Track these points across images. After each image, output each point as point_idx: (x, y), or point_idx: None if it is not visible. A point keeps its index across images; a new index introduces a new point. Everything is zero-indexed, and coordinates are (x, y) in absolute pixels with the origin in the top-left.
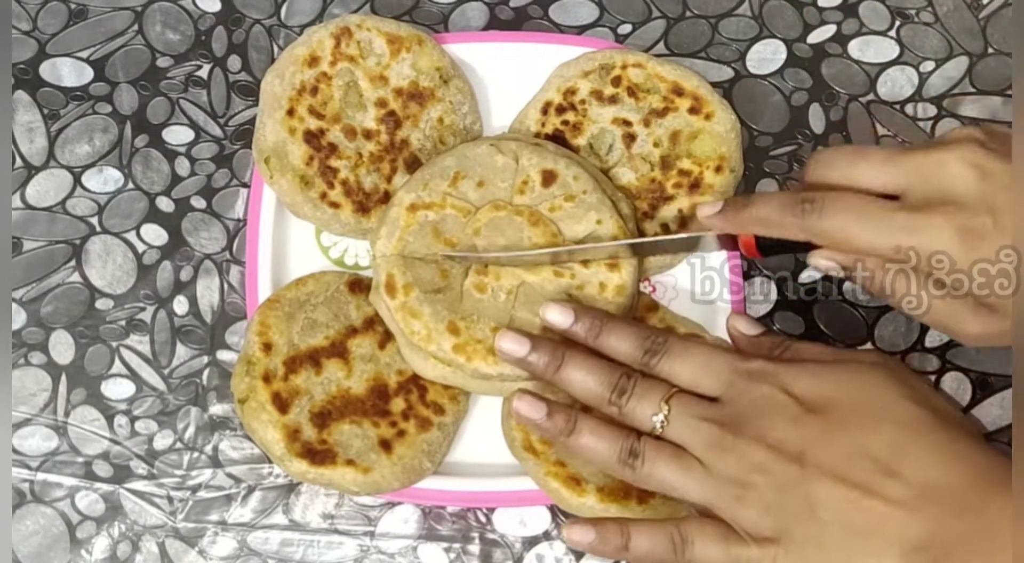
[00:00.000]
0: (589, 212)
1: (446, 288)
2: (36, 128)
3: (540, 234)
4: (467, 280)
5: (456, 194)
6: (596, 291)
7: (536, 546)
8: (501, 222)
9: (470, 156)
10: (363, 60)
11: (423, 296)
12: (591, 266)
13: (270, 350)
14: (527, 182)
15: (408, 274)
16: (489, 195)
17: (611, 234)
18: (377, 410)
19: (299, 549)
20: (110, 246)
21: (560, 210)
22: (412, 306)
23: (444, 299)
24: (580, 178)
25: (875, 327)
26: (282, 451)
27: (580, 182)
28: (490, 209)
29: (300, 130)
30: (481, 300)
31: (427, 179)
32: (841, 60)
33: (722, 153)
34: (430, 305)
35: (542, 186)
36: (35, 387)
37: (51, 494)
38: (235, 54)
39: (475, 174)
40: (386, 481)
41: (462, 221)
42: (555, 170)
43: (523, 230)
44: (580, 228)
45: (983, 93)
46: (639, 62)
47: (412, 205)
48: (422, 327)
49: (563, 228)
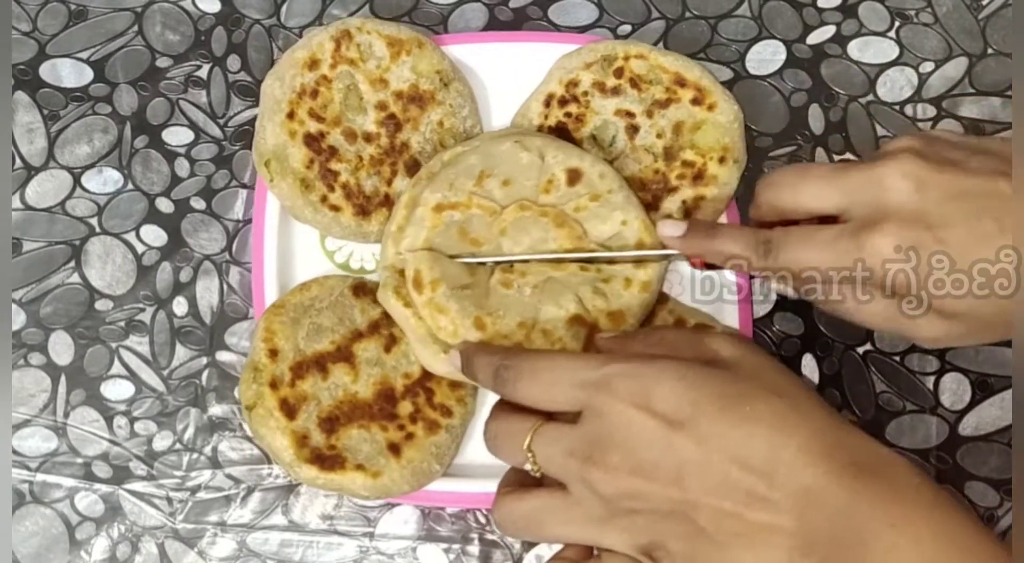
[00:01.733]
0: (614, 212)
1: (473, 284)
2: (36, 129)
3: (565, 235)
4: (493, 277)
5: (482, 193)
6: (622, 286)
7: (536, 547)
8: (527, 222)
9: (494, 154)
10: (363, 63)
11: (450, 292)
12: (618, 263)
13: (276, 356)
14: (552, 181)
15: (436, 270)
16: (515, 194)
17: (636, 234)
18: (385, 414)
19: (298, 550)
20: (110, 247)
21: (585, 210)
22: (439, 302)
23: (471, 295)
24: (606, 176)
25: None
26: (291, 457)
27: (606, 180)
28: (516, 209)
29: (300, 133)
30: (507, 296)
31: (452, 178)
32: (841, 61)
33: (725, 144)
34: (457, 301)
35: (567, 184)
36: (34, 388)
37: (51, 495)
38: (235, 54)
39: (500, 172)
40: (396, 485)
41: (488, 220)
42: (580, 168)
43: (548, 230)
44: (606, 228)
45: (983, 94)
46: (641, 53)
47: (438, 205)
48: (449, 322)
49: (588, 228)
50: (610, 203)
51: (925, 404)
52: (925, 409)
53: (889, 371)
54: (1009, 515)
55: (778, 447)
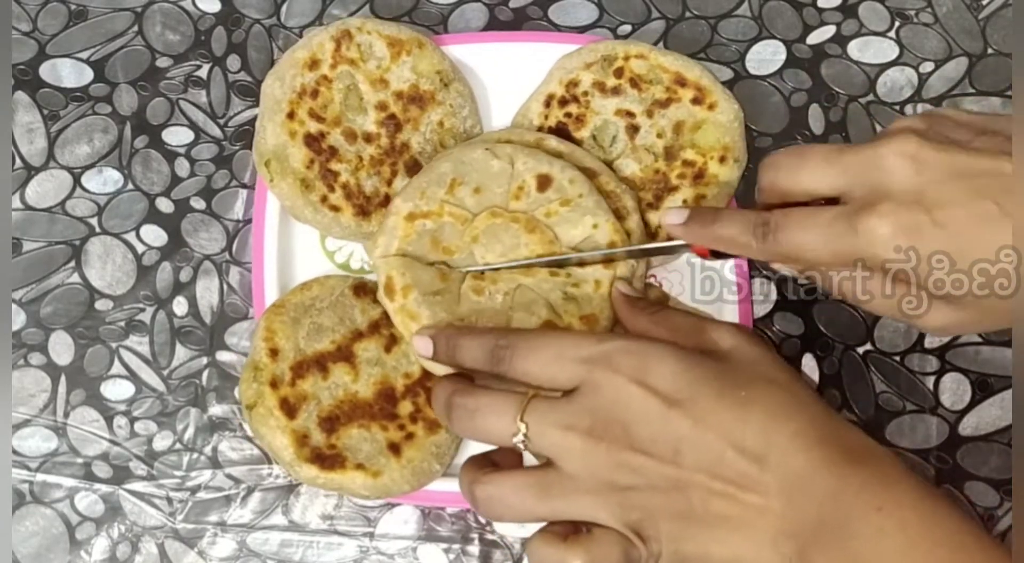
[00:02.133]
0: (585, 216)
1: (444, 290)
2: (36, 129)
3: (537, 240)
4: (464, 283)
5: (453, 201)
6: (592, 288)
7: None
8: (498, 229)
9: (466, 161)
10: (363, 63)
11: (421, 298)
12: (587, 266)
13: (277, 355)
14: (523, 187)
15: (407, 276)
16: (486, 201)
17: (607, 238)
18: (385, 413)
19: (298, 550)
20: (110, 247)
21: (556, 215)
22: (411, 308)
23: (442, 301)
24: (576, 181)
25: (875, 328)
26: (291, 457)
27: (576, 186)
28: (487, 216)
29: (300, 133)
30: (479, 302)
31: (424, 187)
32: (841, 61)
33: (726, 143)
34: (429, 307)
35: (537, 190)
36: (35, 388)
37: (51, 495)
38: (235, 54)
39: (471, 180)
40: (396, 484)
41: (460, 229)
42: (550, 174)
43: (520, 236)
44: (576, 233)
45: (983, 94)
46: (641, 53)
47: (410, 214)
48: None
49: (559, 233)
50: (580, 207)
51: (925, 404)
52: (925, 409)
53: (889, 371)
54: (1009, 515)
55: (772, 432)
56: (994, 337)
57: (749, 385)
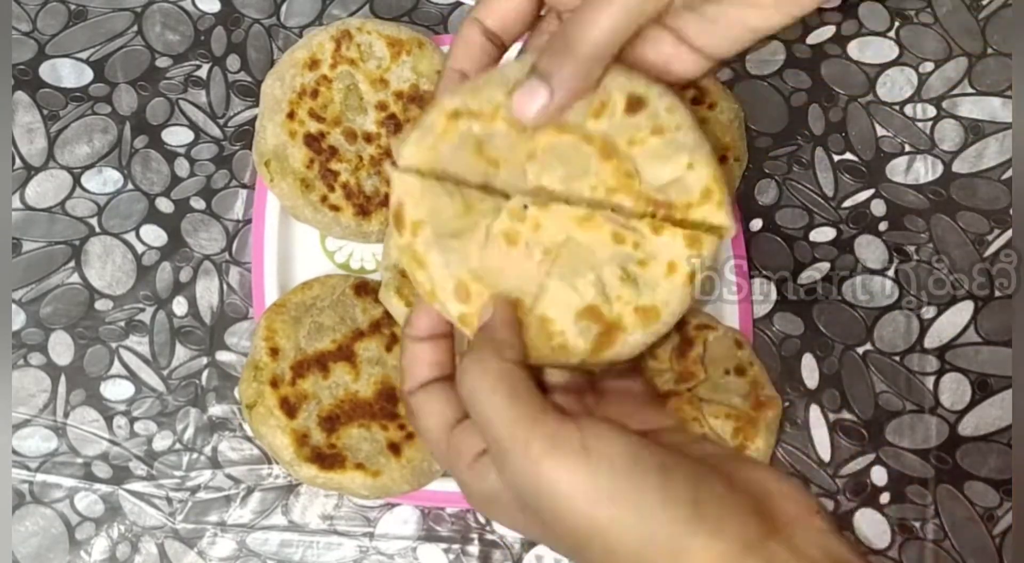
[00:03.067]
0: (679, 153)
1: (466, 230)
2: (36, 129)
3: (611, 171)
4: (497, 222)
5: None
6: (663, 271)
7: (535, 547)
8: (565, 147)
9: None
10: (363, 63)
11: (434, 239)
12: (664, 233)
13: (277, 355)
14: (606, 105)
15: (423, 207)
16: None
17: (703, 185)
18: (385, 413)
19: (298, 550)
20: (109, 247)
21: (643, 145)
22: (418, 251)
23: (460, 247)
24: (675, 110)
25: (874, 328)
26: (291, 456)
27: (674, 115)
28: (553, 130)
29: (300, 133)
30: (508, 255)
31: (479, 85)
32: (840, 61)
33: (726, 143)
34: (441, 253)
35: (625, 112)
36: (34, 388)
37: (50, 495)
38: (234, 54)
39: None
40: (396, 484)
41: (514, 140)
42: (645, 96)
43: (590, 162)
44: (665, 172)
45: (982, 94)
46: None
47: (455, 111)
48: (426, 279)
49: (642, 169)
50: (676, 142)
51: (925, 404)
52: (925, 409)
53: (889, 371)
54: (1009, 515)
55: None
56: (994, 337)
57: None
